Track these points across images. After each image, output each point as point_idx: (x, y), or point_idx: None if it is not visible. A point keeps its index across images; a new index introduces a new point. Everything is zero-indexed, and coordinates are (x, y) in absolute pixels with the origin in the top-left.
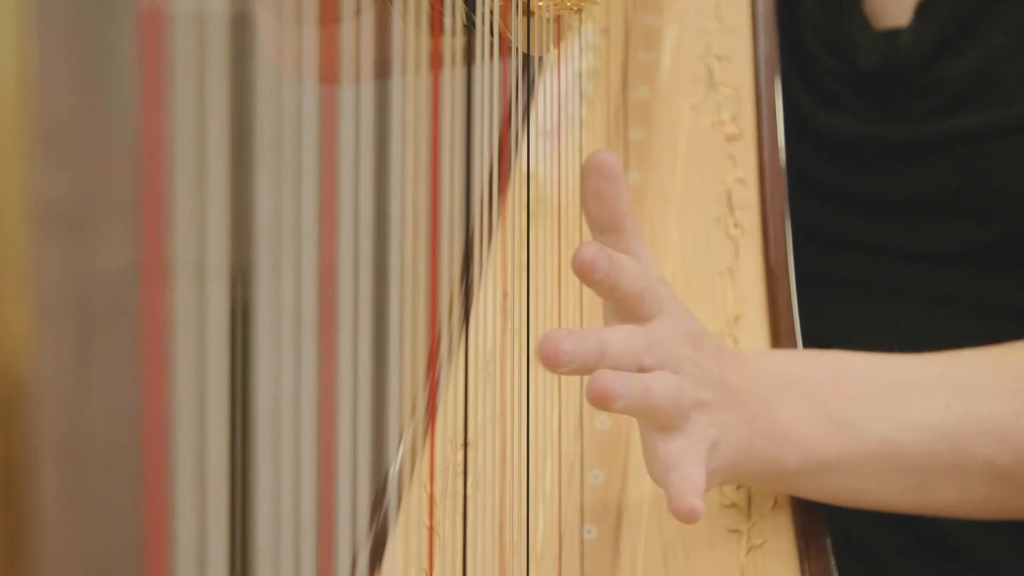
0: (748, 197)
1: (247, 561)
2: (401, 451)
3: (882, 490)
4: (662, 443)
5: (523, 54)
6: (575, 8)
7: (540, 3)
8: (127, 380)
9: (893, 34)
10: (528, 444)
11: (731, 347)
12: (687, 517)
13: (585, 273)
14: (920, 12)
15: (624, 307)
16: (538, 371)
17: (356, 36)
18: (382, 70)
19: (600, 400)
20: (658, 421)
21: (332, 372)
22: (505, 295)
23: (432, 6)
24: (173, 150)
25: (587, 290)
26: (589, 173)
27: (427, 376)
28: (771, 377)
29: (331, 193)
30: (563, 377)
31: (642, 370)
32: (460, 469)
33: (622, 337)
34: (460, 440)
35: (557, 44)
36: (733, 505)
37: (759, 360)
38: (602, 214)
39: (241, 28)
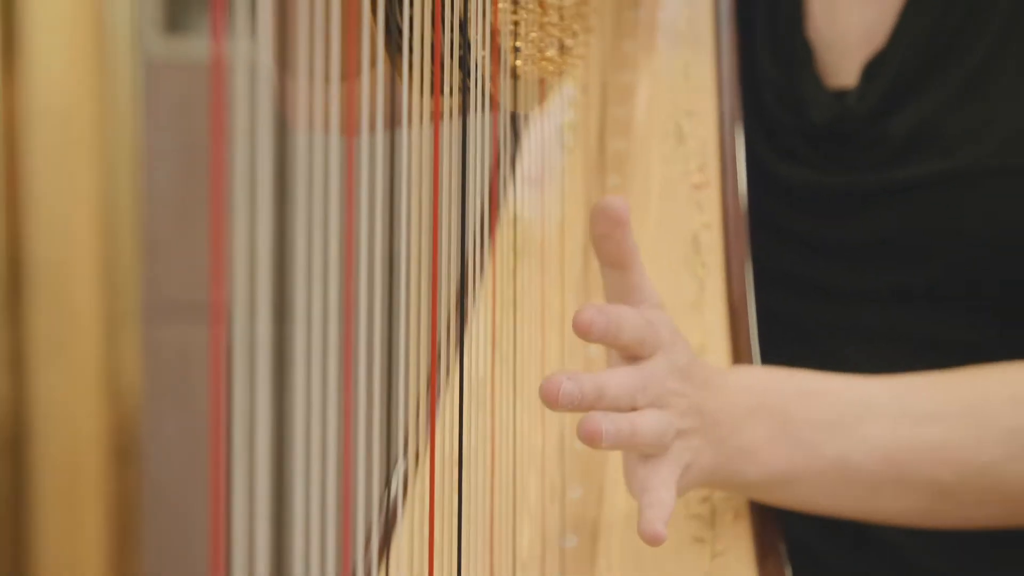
0: (713, 240)
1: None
2: (406, 465)
3: (833, 501)
4: (641, 467)
5: (511, 112)
6: (557, 72)
7: (526, 67)
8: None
9: (842, 93)
10: (514, 462)
11: (715, 369)
12: (651, 541)
13: (584, 333)
14: (866, 73)
15: (626, 352)
16: (524, 396)
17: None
18: (389, 123)
19: (589, 440)
20: (641, 451)
21: (350, 391)
22: (494, 326)
23: (432, 71)
24: (233, 209)
25: (567, 319)
26: (598, 217)
27: (428, 398)
28: (744, 398)
29: (351, 235)
30: None
31: (635, 408)
32: (456, 484)
33: (619, 380)
34: (455, 457)
35: (541, 102)
36: (697, 516)
37: (737, 380)
38: (610, 253)
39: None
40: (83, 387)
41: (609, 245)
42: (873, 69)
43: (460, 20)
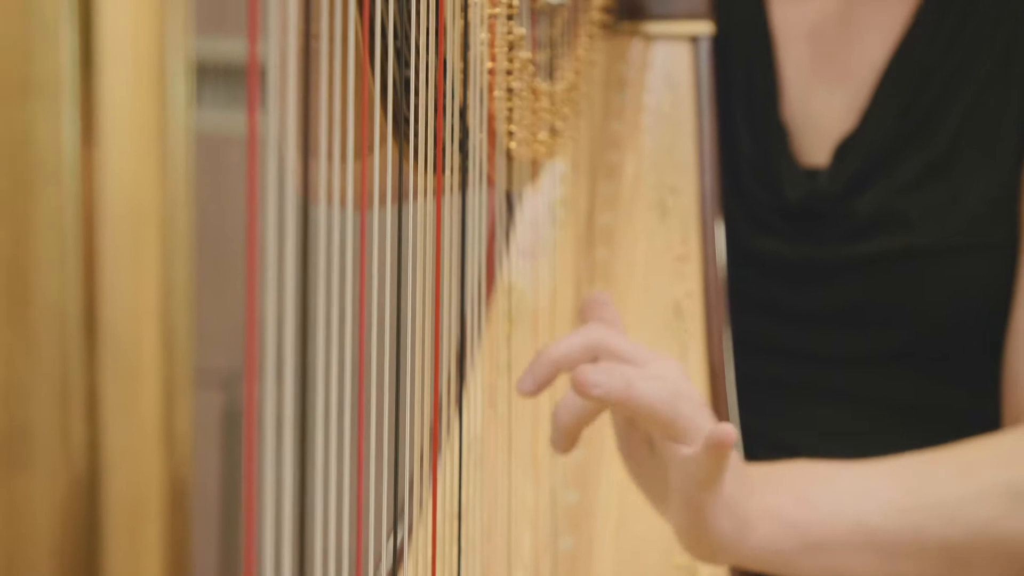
0: (694, 308)
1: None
2: (410, 515)
3: (851, 569)
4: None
5: (506, 189)
6: (548, 152)
7: (519, 149)
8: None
9: (815, 172)
10: (509, 514)
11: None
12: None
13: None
14: (837, 154)
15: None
16: (517, 453)
17: (377, 171)
18: (397, 199)
19: (580, 387)
20: (657, 419)
21: (362, 444)
22: (490, 388)
23: (435, 153)
24: (263, 282)
25: (558, 381)
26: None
27: (431, 453)
28: (757, 470)
29: (363, 302)
30: (538, 457)
31: None
32: (455, 533)
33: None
34: (455, 509)
35: (533, 180)
36: (680, 567)
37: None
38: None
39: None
40: (145, 437)
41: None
42: (843, 150)
43: (460, 108)
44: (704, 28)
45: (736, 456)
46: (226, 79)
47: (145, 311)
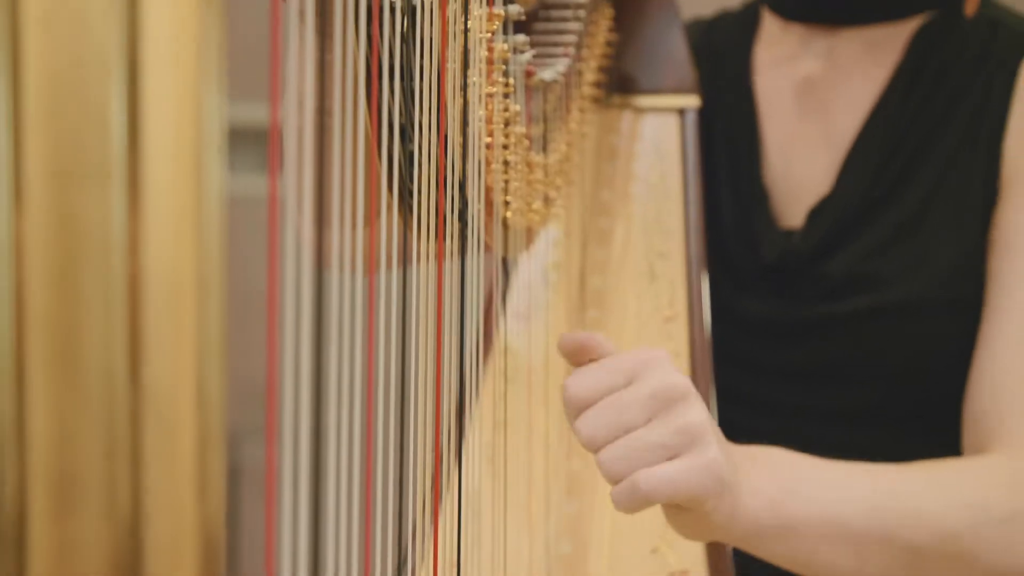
0: (681, 365)
1: None
2: (413, 562)
3: (821, 557)
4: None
5: (502, 255)
6: (542, 220)
7: (515, 218)
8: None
9: (791, 233)
10: (505, 564)
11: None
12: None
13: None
14: (810, 216)
15: None
16: (513, 505)
17: (383, 238)
18: (401, 263)
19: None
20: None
21: (370, 494)
22: (488, 443)
23: (437, 222)
24: (282, 343)
25: (551, 438)
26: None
27: (431, 503)
28: (743, 449)
29: (371, 361)
30: (533, 509)
31: None
32: None
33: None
34: (455, 557)
35: (528, 246)
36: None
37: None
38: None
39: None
40: (183, 485)
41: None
42: (816, 213)
43: (460, 180)
44: (691, 101)
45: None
46: (238, 142)
47: (183, 371)
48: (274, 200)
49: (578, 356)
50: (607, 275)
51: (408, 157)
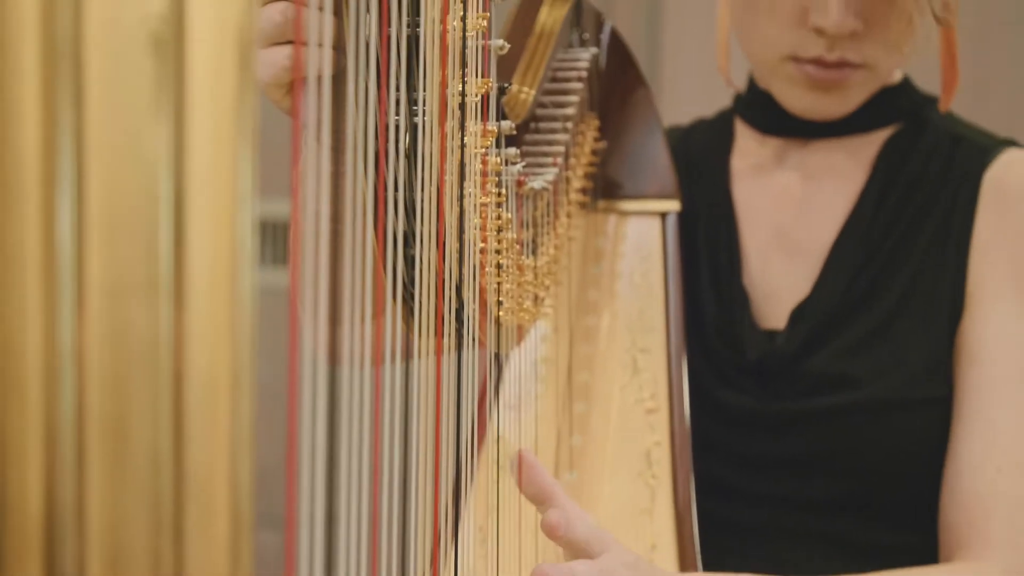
0: (662, 455)
1: None
2: None
3: None
4: None
5: (495, 351)
6: (531, 319)
7: (507, 317)
8: None
9: (773, 334)
10: None
11: (660, 568)
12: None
13: (550, 532)
14: (792, 319)
15: (579, 551)
16: None
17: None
18: (403, 358)
19: None
20: None
21: (377, 560)
22: (482, 527)
23: (436, 321)
24: (300, 438)
25: (540, 522)
26: (516, 466)
27: None
28: None
29: (378, 451)
30: None
31: None
32: None
33: (584, 569)
34: None
35: (519, 343)
36: None
37: None
38: (533, 491)
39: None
40: (219, 561)
41: (530, 484)
42: (797, 316)
43: (457, 284)
44: (672, 205)
45: None
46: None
47: (219, 458)
48: (294, 308)
49: (541, 503)
50: (593, 369)
51: (409, 262)
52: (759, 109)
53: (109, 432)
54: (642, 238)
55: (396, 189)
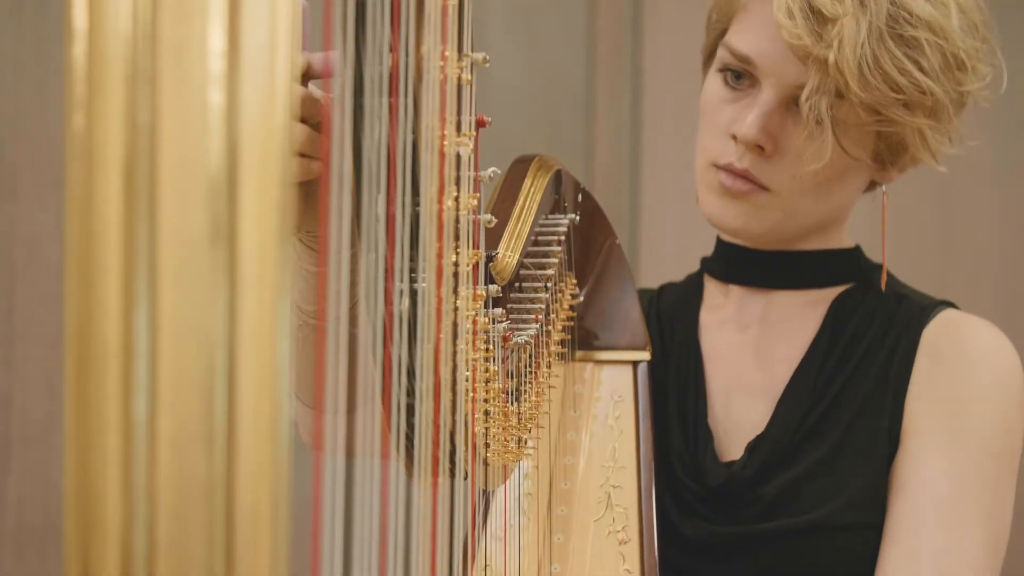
0: None
1: None
2: None
3: None
4: None
5: (483, 490)
6: (515, 459)
7: (494, 458)
8: None
9: (731, 464)
10: None
11: None
12: None
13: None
14: (749, 450)
15: None
16: None
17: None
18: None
19: None
20: None
21: None
22: None
23: (432, 461)
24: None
25: None
26: None
27: None
28: None
29: (384, 547)
30: None
31: None
32: None
33: None
34: None
35: (504, 480)
36: None
37: None
38: None
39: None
40: None
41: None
42: (753, 446)
43: (450, 431)
44: (643, 355)
45: None
46: None
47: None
48: (319, 457)
49: None
50: (571, 503)
51: (409, 411)
52: (722, 261)
53: (174, 557)
54: (616, 384)
55: (400, 348)
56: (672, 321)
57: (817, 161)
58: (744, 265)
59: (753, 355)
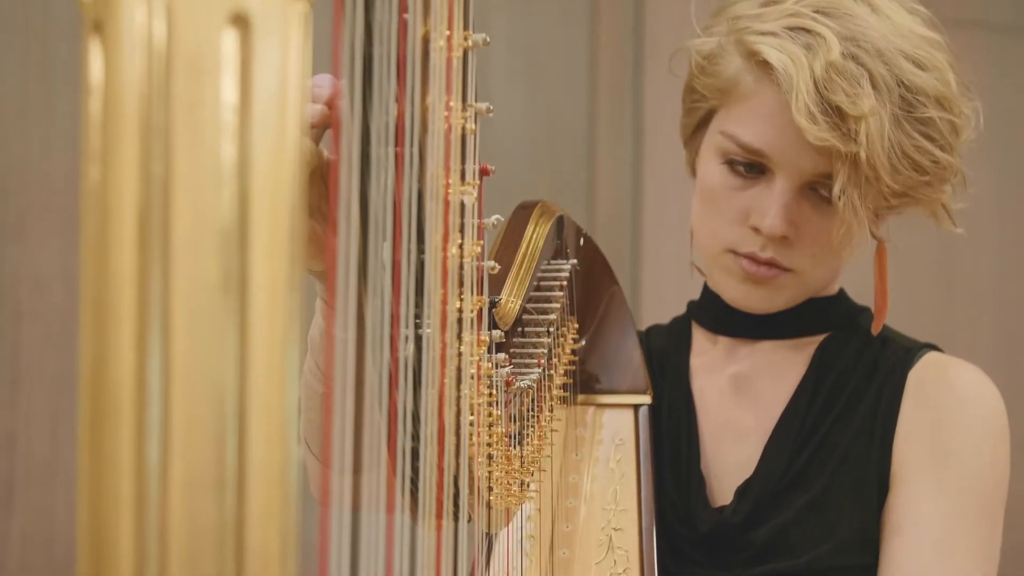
0: None
1: None
2: None
3: None
4: None
5: (486, 532)
6: (518, 502)
7: (496, 501)
8: None
9: (721, 509)
10: None
11: None
12: None
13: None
14: (737, 495)
15: None
16: None
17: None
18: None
19: None
20: None
21: None
22: None
23: (436, 505)
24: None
25: None
26: None
27: None
28: None
29: None
30: None
31: None
32: None
33: None
34: None
35: (507, 523)
36: None
37: None
38: None
39: None
40: None
41: None
42: (742, 492)
43: (455, 475)
44: (645, 399)
45: None
46: None
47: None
48: (326, 505)
49: None
50: (573, 546)
51: (414, 455)
52: (710, 312)
53: None
54: (617, 428)
55: (405, 393)
56: (662, 365)
57: (847, 244)
58: (731, 319)
59: (742, 399)
